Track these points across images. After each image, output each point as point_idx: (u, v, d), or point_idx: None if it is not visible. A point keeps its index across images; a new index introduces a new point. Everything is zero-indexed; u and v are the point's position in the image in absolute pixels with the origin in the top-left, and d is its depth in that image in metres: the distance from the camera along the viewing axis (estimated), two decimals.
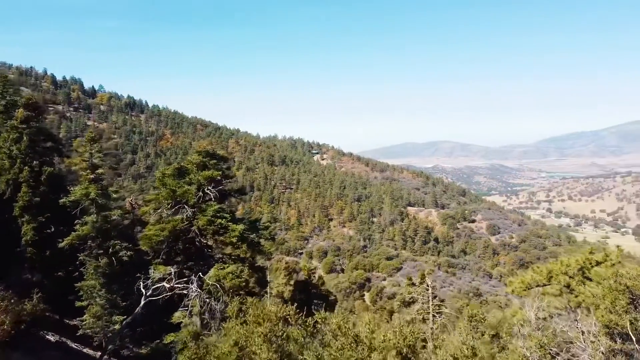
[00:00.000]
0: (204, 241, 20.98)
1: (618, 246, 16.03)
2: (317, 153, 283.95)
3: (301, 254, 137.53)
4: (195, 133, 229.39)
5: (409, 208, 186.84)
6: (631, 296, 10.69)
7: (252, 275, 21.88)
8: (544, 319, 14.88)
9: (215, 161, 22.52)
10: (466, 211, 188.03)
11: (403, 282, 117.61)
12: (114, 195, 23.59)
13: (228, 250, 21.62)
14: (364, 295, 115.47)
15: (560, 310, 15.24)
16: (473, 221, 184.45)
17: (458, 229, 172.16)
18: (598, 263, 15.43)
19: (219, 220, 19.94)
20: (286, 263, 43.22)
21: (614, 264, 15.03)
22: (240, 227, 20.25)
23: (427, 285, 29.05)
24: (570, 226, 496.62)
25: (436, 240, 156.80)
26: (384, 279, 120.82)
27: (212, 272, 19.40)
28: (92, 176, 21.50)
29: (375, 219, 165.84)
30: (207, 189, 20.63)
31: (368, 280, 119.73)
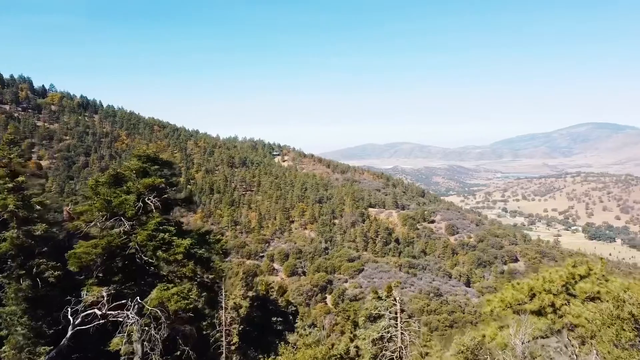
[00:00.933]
0: (145, 258, 18.19)
1: (602, 258, 14.82)
2: (278, 154, 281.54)
3: (262, 257, 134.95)
4: (152, 134, 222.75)
5: (370, 209, 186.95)
6: (637, 326, 9.26)
7: (202, 295, 19.42)
8: (528, 341, 13.45)
9: (157, 167, 19.81)
10: (426, 212, 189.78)
11: (365, 284, 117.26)
12: (49, 203, 20.81)
13: (173, 267, 18.89)
14: (326, 297, 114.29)
15: (544, 332, 13.87)
16: (432, 222, 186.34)
17: (418, 229, 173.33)
18: (582, 277, 14.18)
19: (162, 235, 17.50)
20: (243, 273, 40.85)
21: (599, 280, 13.82)
22: (187, 241, 17.87)
23: (395, 300, 27.36)
24: (524, 225, 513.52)
25: (397, 241, 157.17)
26: (346, 281, 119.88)
27: (154, 293, 16.87)
28: (11, 185, 18.54)
29: (336, 221, 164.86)
30: (148, 199, 17.99)
31: (330, 282, 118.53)
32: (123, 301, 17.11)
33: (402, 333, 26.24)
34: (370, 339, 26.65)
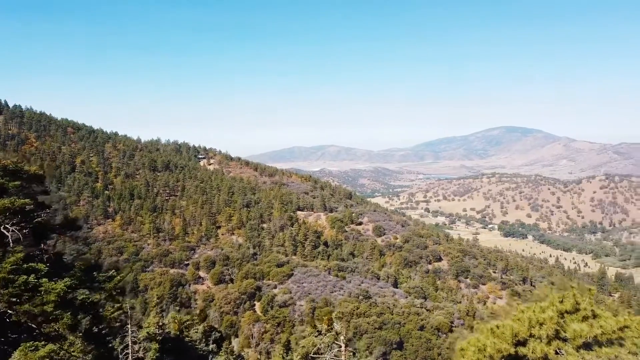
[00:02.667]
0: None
1: (590, 289, 13.04)
2: (204, 158, 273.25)
3: (187, 265, 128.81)
4: (65, 136, 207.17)
5: (299, 212, 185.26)
6: None
7: (89, 351, 14.73)
8: None
9: (19, 182, 15.10)
10: (353, 214, 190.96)
11: (294, 289, 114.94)
12: None
13: (41, 321, 14.01)
14: (254, 305, 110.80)
15: None
16: (360, 223, 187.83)
17: (346, 231, 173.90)
18: (568, 312, 12.31)
19: (23, 278, 12.60)
20: (158, 298, 36.42)
21: (587, 317, 12.02)
22: (62, 284, 13.10)
23: (337, 333, 24.49)
24: (445, 224, 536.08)
25: (326, 244, 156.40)
26: (275, 287, 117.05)
27: (16, 355, 12.21)
28: None
29: (265, 225, 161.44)
30: (5, 227, 13.52)
31: (259, 289, 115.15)
32: None
33: None
34: None
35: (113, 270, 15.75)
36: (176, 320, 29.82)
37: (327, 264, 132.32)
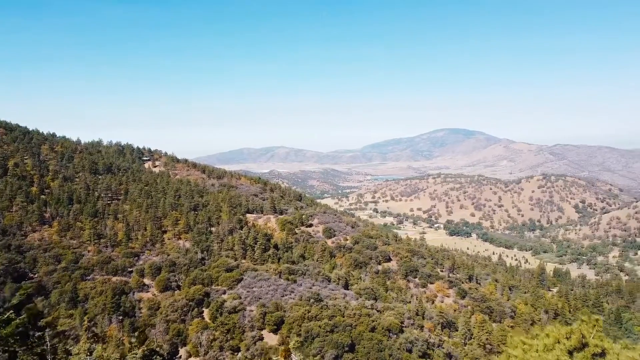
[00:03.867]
0: None
1: (597, 319, 12.36)
2: (149, 160, 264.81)
3: (131, 272, 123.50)
4: None
5: (248, 215, 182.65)
6: None
7: None
8: None
9: None
10: (304, 216, 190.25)
11: (244, 294, 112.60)
12: None
13: None
14: (203, 312, 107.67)
15: None
16: (310, 225, 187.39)
17: (296, 233, 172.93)
18: (576, 349, 11.56)
19: None
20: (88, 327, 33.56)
21: (597, 354, 11.36)
22: None
23: None
24: (393, 224, 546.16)
25: (276, 247, 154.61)
26: (224, 293, 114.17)
27: None
28: None
29: (213, 229, 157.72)
30: None
31: (207, 295, 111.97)
32: None
33: None
34: None
35: (10, 312, 12.93)
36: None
37: (277, 268, 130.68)
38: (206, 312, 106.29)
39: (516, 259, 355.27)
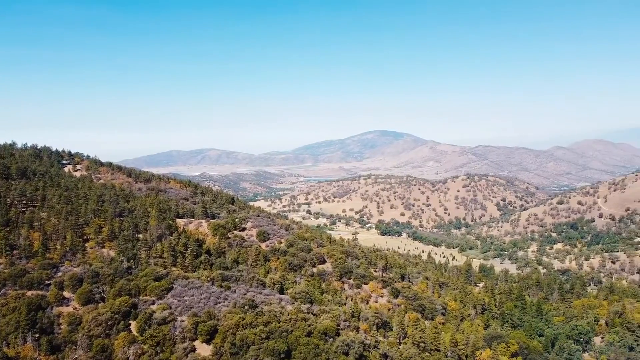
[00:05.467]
0: None
1: None
2: (69, 163, 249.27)
3: (49, 285, 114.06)
4: None
5: (178, 220, 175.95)
6: None
7: None
8: None
9: None
10: (237, 219, 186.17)
11: (175, 304, 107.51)
12: None
13: None
14: (130, 324, 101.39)
15: None
16: (244, 229, 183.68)
17: (229, 238, 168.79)
18: None
19: None
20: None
21: None
22: None
23: None
24: (327, 225, 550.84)
25: (208, 252, 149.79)
26: (153, 303, 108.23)
27: None
28: None
29: (140, 236, 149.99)
30: None
31: (134, 306, 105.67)
32: None
33: None
34: None
35: None
36: None
37: (210, 274, 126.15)
38: (133, 325, 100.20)
39: (444, 256, 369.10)
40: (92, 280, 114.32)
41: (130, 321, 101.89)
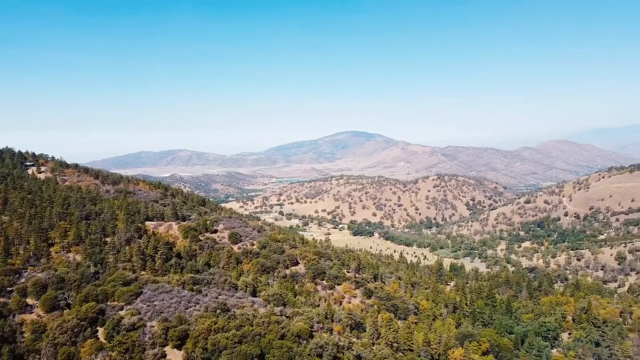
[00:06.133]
0: None
1: None
2: (33, 165, 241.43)
3: (11, 292, 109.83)
4: None
5: (148, 223, 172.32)
6: None
7: None
8: None
9: None
10: (208, 221, 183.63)
11: (144, 309, 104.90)
12: None
13: None
14: (97, 331, 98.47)
15: None
16: (215, 231, 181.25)
17: (201, 240, 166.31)
18: None
19: None
20: None
21: None
22: None
23: None
24: (299, 226, 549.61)
25: (179, 255, 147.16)
26: (122, 309, 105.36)
27: None
28: None
29: (108, 239, 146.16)
30: None
31: (102, 312, 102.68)
32: None
33: None
34: None
35: None
36: None
37: (180, 278, 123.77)
38: (101, 332, 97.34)
39: (416, 256, 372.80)
40: (57, 286, 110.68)
41: (98, 328, 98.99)
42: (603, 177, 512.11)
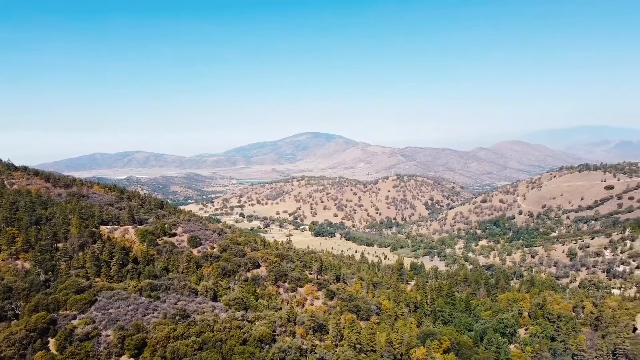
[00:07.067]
0: None
1: None
2: None
3: None
4: None
5: (103, 227, 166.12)
6: None
7: None
8: None
9: None
10: (166, 225, 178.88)
11: (99, 318, 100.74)
12: None
13: None
14: (48, 342, 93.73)
15: None
16: (174, 235, 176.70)
17: (159, 244, 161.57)
18: None
19: None
20: None
21: None
22: None
23: None
24: (260, 228, 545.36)
25: (135, 260, 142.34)
26: (74, 318, 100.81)
27: None
28: None
29: (60, 245, 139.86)
30: None
31: (53, 322, 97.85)
32: None
33: None
34: None
35: None
36: None
37: (137, 284, 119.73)
38: (52, 343, 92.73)
39: (377, 256, 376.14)
40: (4, 295, 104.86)
41: (49, 339, 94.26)
42: (554, 177, 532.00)
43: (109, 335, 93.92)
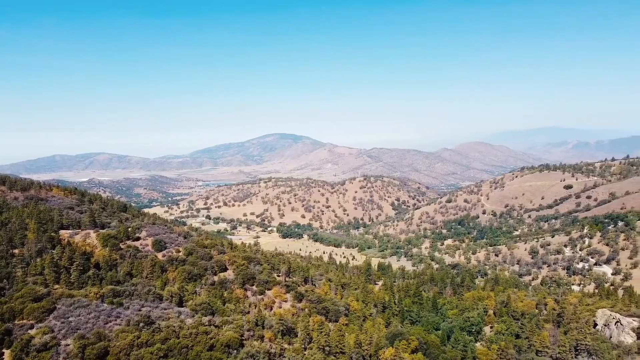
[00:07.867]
0: None
1: None
2: None
3: None
4: None
5: (62, 232, 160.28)
6: None
7: None
8: None
9: None
10: (129, 228, 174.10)
11: (58, 326, 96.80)
12: None
13: None
14: (2, 354, 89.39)
15: None
16: (138, 239, 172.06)
17: (122, 249, 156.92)
18: None
19: None
20: None
21: None
22: None
23: None
24: (227, 230, 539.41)
25: (97, 266, 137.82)
26: (32, 327, 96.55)
27: None
28: None
29: (16, 251, 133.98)
30: None
31: (9, 332, 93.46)
32: None
33: None
34: None
35: None
36: None
37: (99, 290, 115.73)
38: (7, 354, 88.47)
39: (345, 257, 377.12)
40: None
41: (4, 350, 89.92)
42: (516, 177, 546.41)
43: (68, 345, 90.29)
